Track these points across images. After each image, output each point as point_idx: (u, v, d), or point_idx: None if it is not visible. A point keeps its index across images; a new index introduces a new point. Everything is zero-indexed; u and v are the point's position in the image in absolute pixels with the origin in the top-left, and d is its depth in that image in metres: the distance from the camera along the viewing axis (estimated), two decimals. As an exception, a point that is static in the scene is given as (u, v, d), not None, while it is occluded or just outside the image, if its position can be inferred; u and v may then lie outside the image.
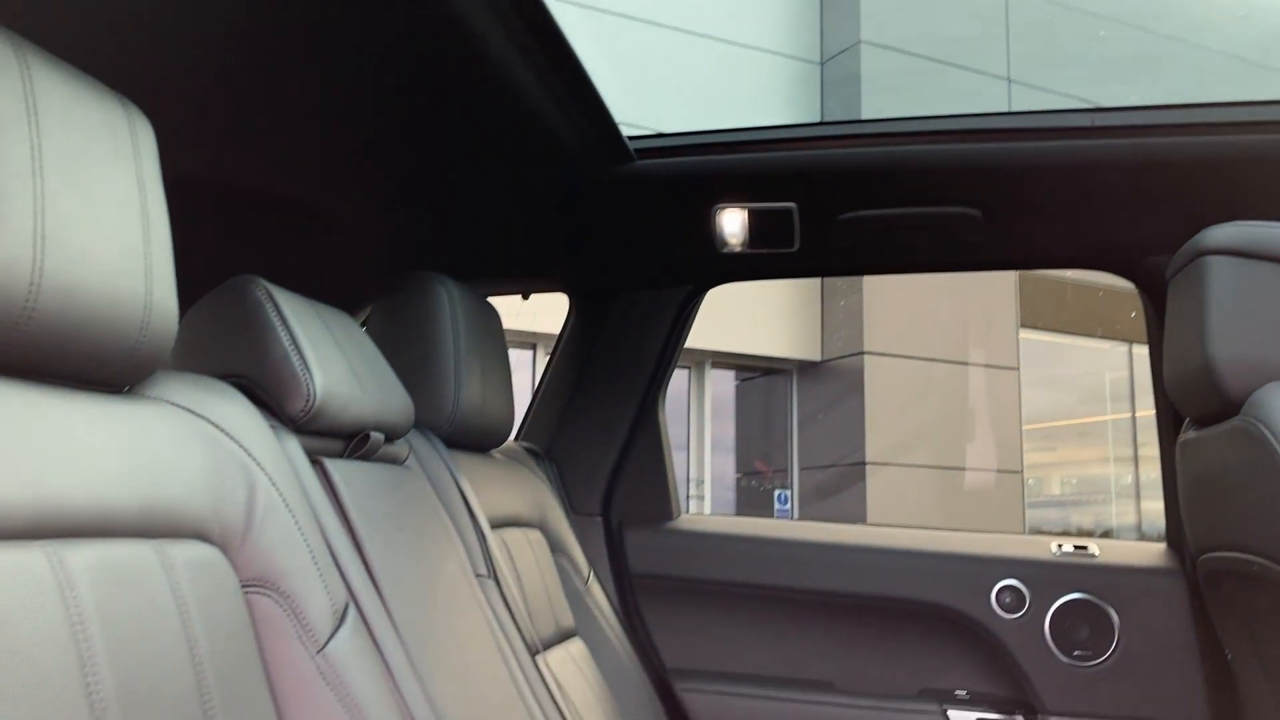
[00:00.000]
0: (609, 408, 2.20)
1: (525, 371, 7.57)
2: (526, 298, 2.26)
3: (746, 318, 8.55)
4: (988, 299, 9.28)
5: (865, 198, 1.85)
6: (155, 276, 0.89)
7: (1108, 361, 10.49)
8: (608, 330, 2.21)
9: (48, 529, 0.76)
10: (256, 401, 1.14)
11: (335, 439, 1.26)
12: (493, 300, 1.84)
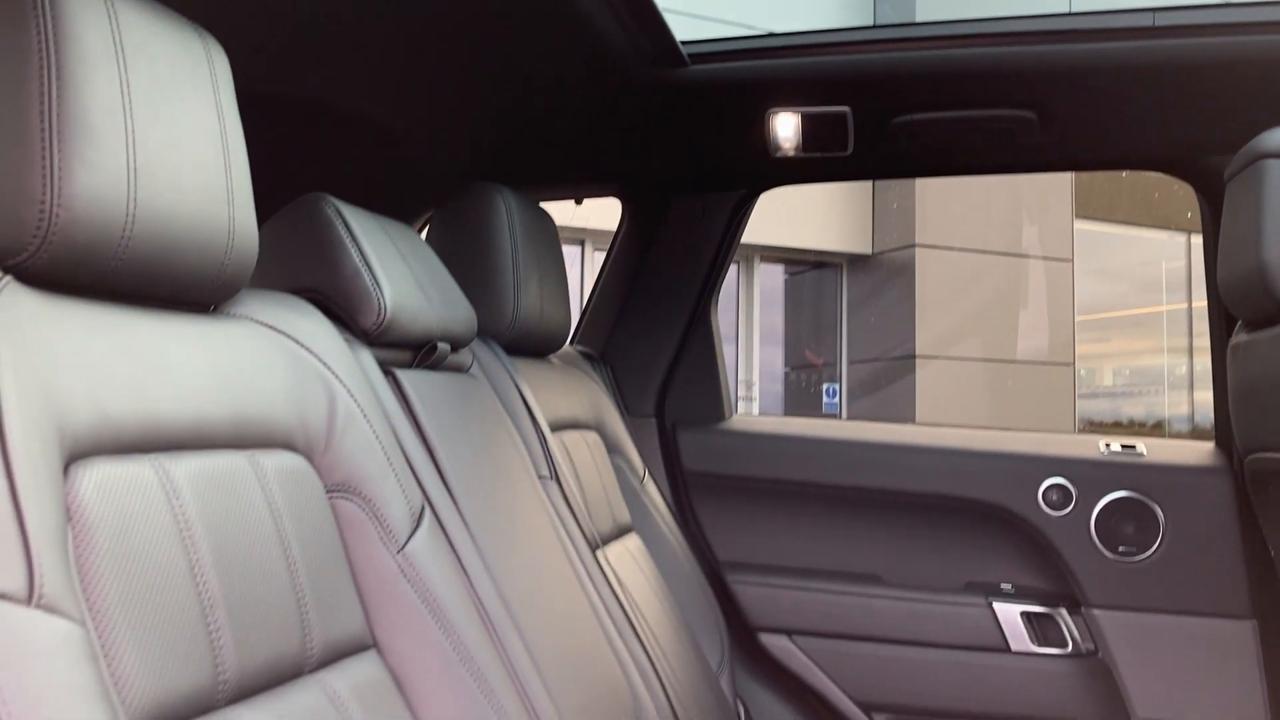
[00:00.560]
0: (662, 311, 2.24)
1: (573, 268, 7.60)
2: (580, 203, 2.29)
3: (796, 211, 8.49)
4: (1043, 190, 9.11)
5: (919, 101, 1.84)
6: (236, 200, 0.94)
7: (1165, 251, 10.30)
8: (661, 234, 2.24)
9: (153, 443, 0.82)
10: (330, 316, 1.19)
11: (404, 350, 1.31)
12: (544, 203, 1.88)
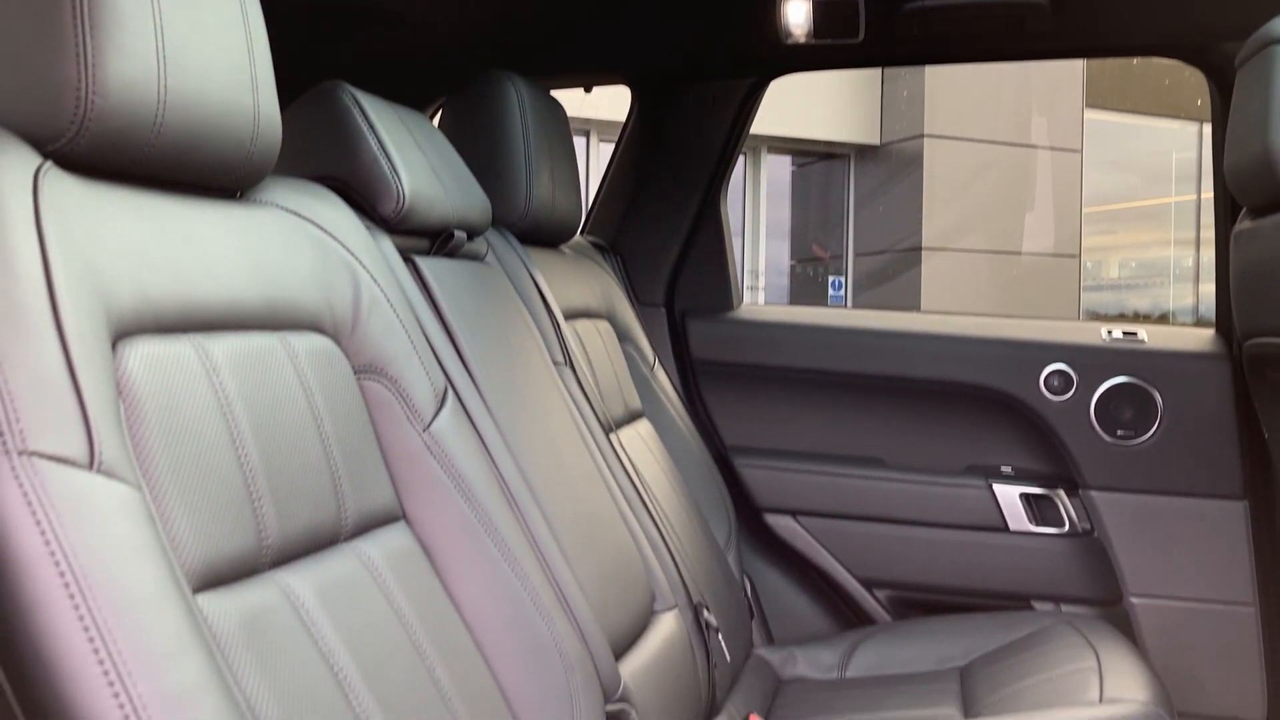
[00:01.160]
0: (672, 201, 2.26)
1: (579, 159, 7.55)
2: (589, 90, 2.28)
3: (803, 101, 8.38)
4: (1053, 79, 8.96)
5: None
6: (260, 87, 0.96)
7: (1176, 141, 10.18)
8: (670, 123, 2.24)
9: (191, 323, 0.86)
10: (350, 203, 1.22)
11: (422, 238, 1.34)
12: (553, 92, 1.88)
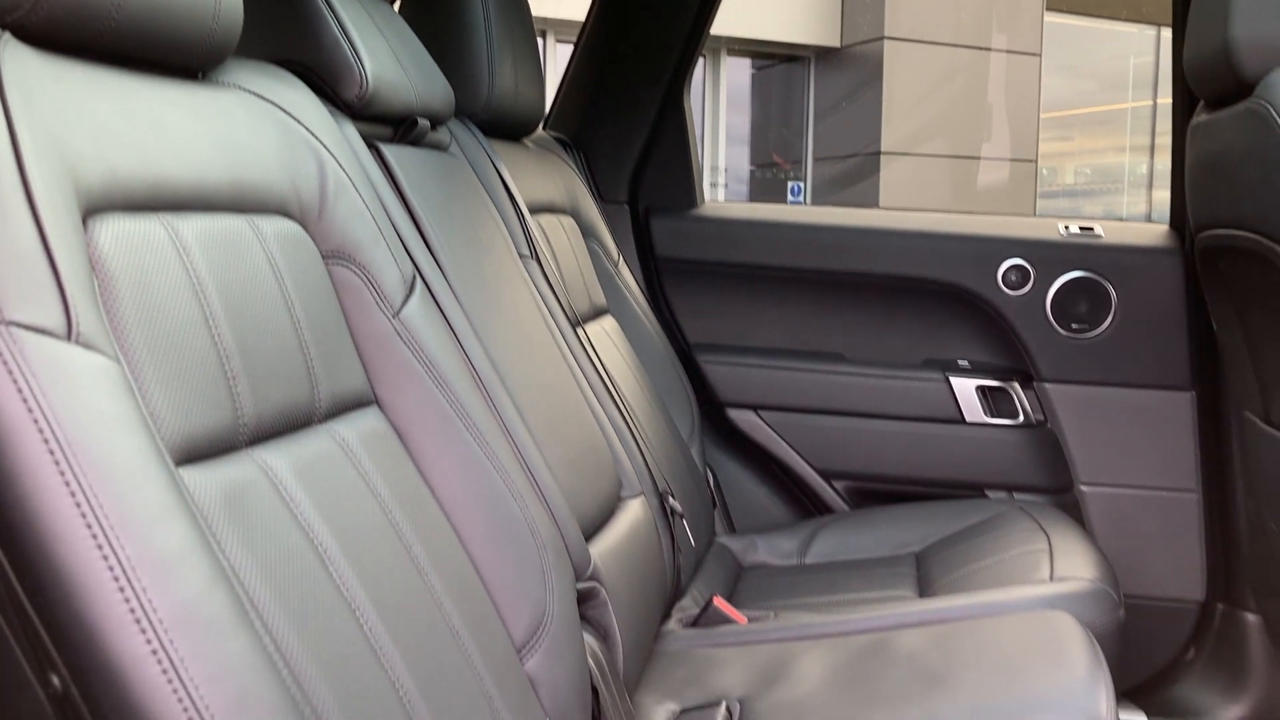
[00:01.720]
0: (635, 96, 2.24)
1: (536, 62, 7.40)
2: (549, -17, 2.24)
3: (765, 1, 8.26)
4: (1015, -20, 8.89)
5: None
6: None
7: (1134, 46, 10.17)
8: (633, 16, 2.21)
9: (159, 202, 0.85)
10: (313, 88, 1.20)
11: (386, 125, 1.33)
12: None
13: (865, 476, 2.21)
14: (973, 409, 2.15)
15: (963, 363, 2.19)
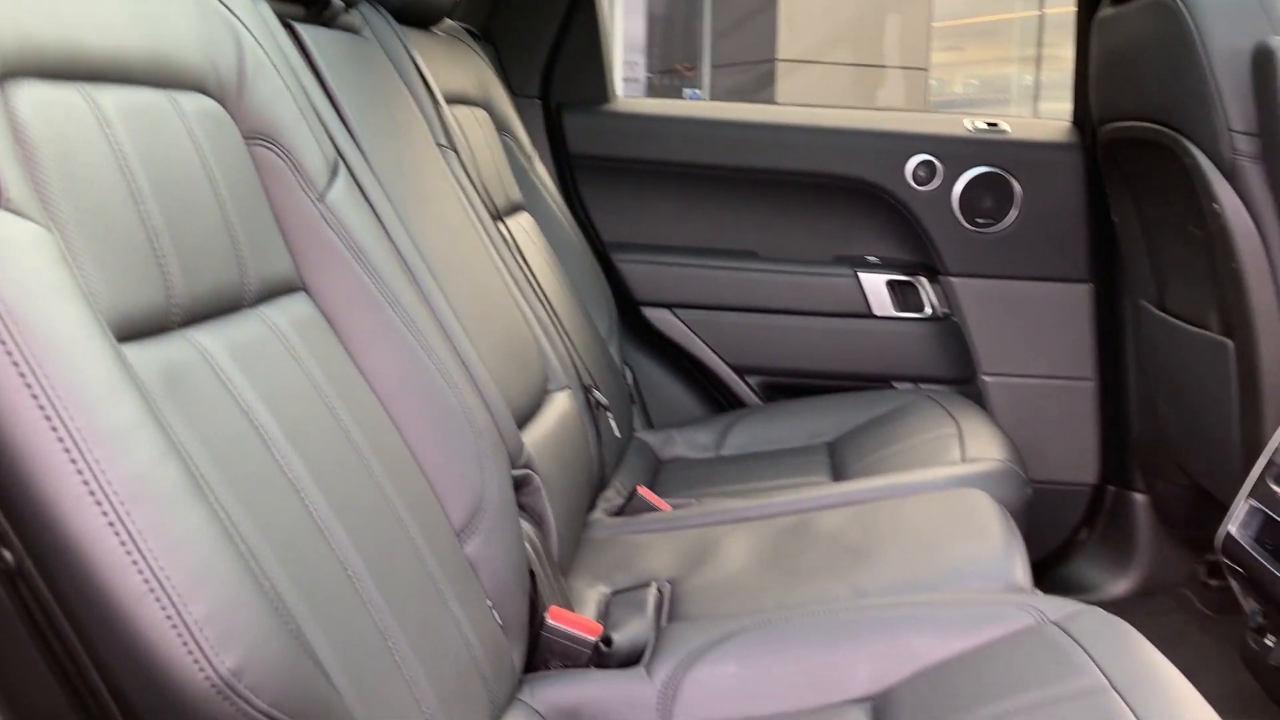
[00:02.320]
0: None
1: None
2: None
3: (660, -98, 8.09)
4: (911, -116, 8.87)
5: None
6: None
7: (1025, -46, 10.28)
8: None
9: (76, 70, 0.80)
10: None
11: (297, 4, 1.28)
12: None
13: (778, 371, 2.25)
14: (881, 303, 2.20)
15: (872, 258, 2.22)
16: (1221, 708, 0.92)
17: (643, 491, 1.64)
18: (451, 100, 1.72)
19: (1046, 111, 10.61)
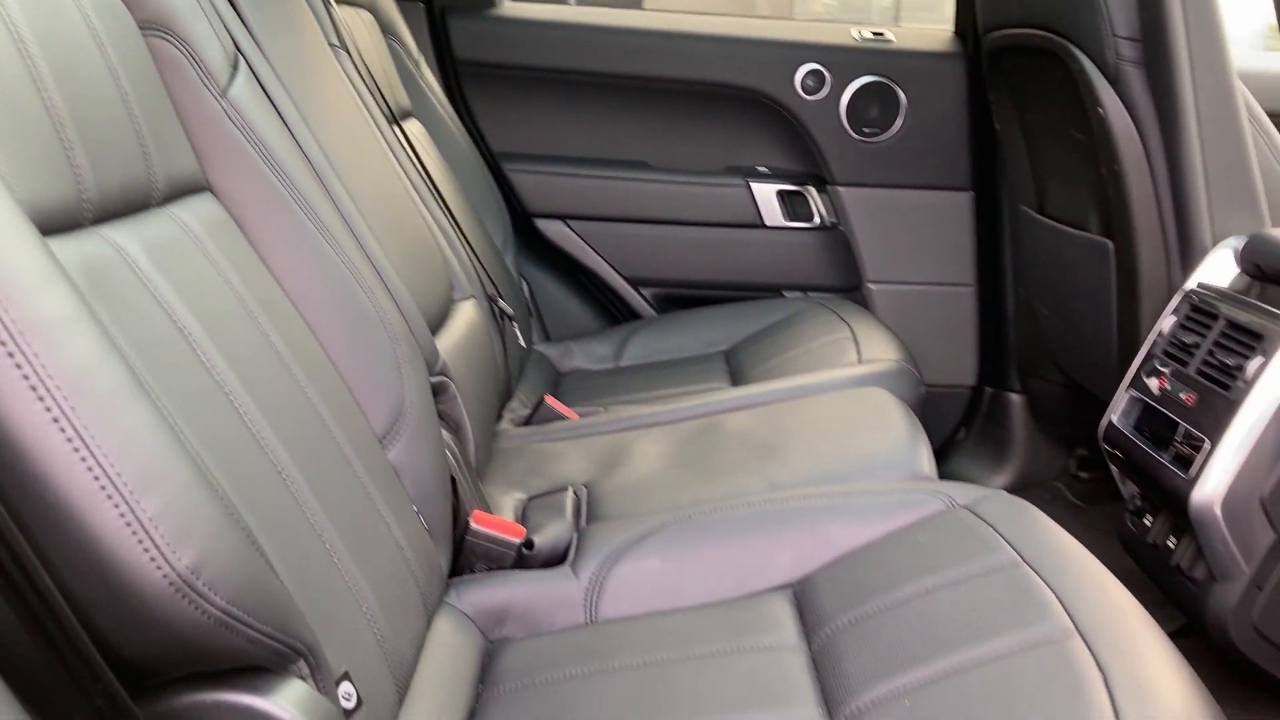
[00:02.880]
0: None
1: None
2: None
3: None
4: None
5: None
6: None
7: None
8: None
9: None
10: None
11: None
12: None
13: (671, 283, 2.26)
14: (772, 213, 2.23)
15: (762, 169, 2.24)
16: None
17: (550, 401, 1.63)
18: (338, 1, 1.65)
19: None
